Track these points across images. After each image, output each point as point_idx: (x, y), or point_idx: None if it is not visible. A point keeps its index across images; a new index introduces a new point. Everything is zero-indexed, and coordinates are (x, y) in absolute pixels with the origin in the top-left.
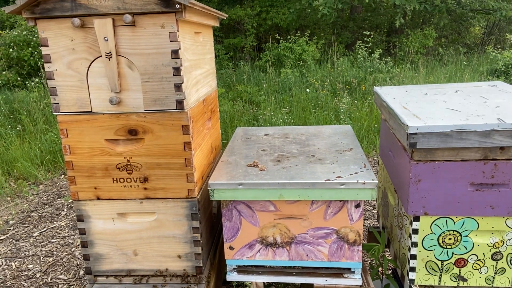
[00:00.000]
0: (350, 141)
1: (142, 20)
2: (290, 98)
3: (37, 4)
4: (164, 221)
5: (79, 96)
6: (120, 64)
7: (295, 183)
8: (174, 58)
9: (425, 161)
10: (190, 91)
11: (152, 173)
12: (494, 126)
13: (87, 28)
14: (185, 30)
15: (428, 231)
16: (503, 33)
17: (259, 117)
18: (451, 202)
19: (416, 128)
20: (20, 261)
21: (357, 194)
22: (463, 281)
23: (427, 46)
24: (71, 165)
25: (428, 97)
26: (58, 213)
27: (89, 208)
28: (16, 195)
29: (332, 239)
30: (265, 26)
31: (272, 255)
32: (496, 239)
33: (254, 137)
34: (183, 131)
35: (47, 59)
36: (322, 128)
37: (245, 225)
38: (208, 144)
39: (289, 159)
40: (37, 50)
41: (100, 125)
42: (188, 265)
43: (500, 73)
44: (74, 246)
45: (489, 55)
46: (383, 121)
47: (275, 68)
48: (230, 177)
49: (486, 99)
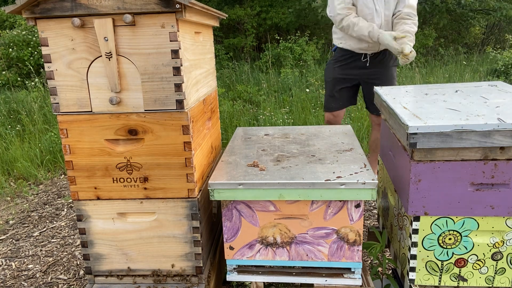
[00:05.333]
0: (350, 141)
1: (142, 20)
2: (290, 98)
3: (37, 4)
4: (164, 221)
5: (79, 96)
6: (120, 64)
7: (295, 183)
8: (174, 58)
9: (425, 161)
10: (190, 91)
11: (152, 173)
12: (494, 126)
13: (87, 28)
14: (185, 30)
15: (428, 231)
16: (503, 33)
17: (259, 117)
18: (451, 202)
19: (416, 128)
20: (20, 261)
21: (357, 194)
22: (463, 281)
23: (427, 46)
24: (71, 165)
25: (428, 97)
26: (58, 213)
27: (89, 208)
28: (16, 195)
29: (332, 239)
30: (265, 26)
31: (272, 255)
32: (496, 239)
33: (254, 137)
34: (183, 131)
35: (47, 59)
36: (322, 128)
37: (245, 225)
38: (208, 144)
39: (289, 159)
40: (37, 50)
41: (100, 125)
42: (188, 265)
43: (500, 73)
44: (74, 246)
45: (489, 55)
46: (383, 121)
47: (275, 68)
48: (230, 177)
49: (486, 99)
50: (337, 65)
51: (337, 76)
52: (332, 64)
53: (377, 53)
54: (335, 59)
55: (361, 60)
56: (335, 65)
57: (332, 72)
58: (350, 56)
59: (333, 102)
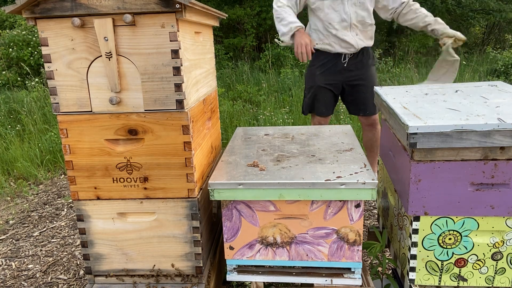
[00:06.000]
0: (350, 141)
1: (142, 20)
2: (290, 98)
3: (37, 4)
4: (164, 221)
5: (79, 96)
6: (120, 63)
7: (295, 183)
8: (174, 58)
9: (425, 161)
10: (190, 91)
11: (152, 173)
12: (494, 126)
13: (87, 28)
14: (185, 30)
15: (428, 231)
16: (503, 33)
17: (259, 117)
18: (451, 202)
19: (416, 128)
20: (20, 261)
21: (357, 194)
22: (463, 281)
23: (427, 46)
24: (71, 165)
25: (428, 97)
26: (58, 213)
27: (89, 208)
28: (16, 195)
29: (332, 239)
30: (265, 26)
31: (272, 255)
32: (496, 239)
33: (254, 137)
34: (183, 131)
35: (47, 59)
36: (322, 128)
37: (245, 225)
38: (208, 144)
39: (289, 159)
40: (37, 50)
41: (100, 125)
42: (188, 265)
43: (500, 73)
44: (74, 246)
45: (489, 55)
46: (383, 121)
47: (275, 68)
48: (230, 177)
49: (486, 99)
50: (319, 70)
51: (321, 84)
52: (314, 70)
53: (356, 53)
54: (314, 64)
55: (340, 61)
56: (317, 70)
57: (315, 77)
58: (329, 60)
59: (323, 107)
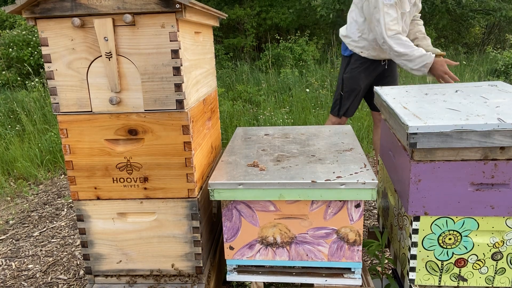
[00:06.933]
0: (350, 141)
1: (142, 20)
2: (290, 98)
3: (37, 4)
4: (164, 221)
5: (79, 96)
6: (120, 64)
7: (295, 183)
8: (174, 58)
9: (425, 161)
10: (190, 91)
11: (152, 173)
12: (494, 126)
13: (87, 28)
14: (185, 30)
15: (428, 231)
16: (503, 33)
17: (259, 117)
18: (451, 202)
19: (416, 128)
20: (20, 261)
21: (357, 194)
22: (463, 281)
23: None
24: (71, 165)
25: (428, 97)
26: (58, 213)
27: (89, 208)
28: (16, 195)
29: (332, 239)
30: (265, 26)
31: (272, 255)
32: (496, 239)
33: (254, 137)
34: (183, 131)
35: (47, 59)
36: (322, 128)
37: (245, 225)
38: (208, 144)
39: (289, 159)
40: (37, 50)
41: (100, 125)
42: (188, 265)
43: (500, 73)
44: (74, 246)
45: (489, 55)
46: (383, 121)
47: (275, 68)
48: (230, 177)
49: (486, 99)
50: (364, 74)
51: (365, 85)
52: (359, 73)
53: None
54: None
55: (381, 64)
56: (362, 74)
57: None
58: (371, 63)
59: (354, 108)
